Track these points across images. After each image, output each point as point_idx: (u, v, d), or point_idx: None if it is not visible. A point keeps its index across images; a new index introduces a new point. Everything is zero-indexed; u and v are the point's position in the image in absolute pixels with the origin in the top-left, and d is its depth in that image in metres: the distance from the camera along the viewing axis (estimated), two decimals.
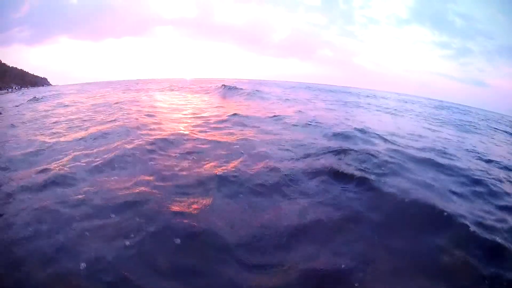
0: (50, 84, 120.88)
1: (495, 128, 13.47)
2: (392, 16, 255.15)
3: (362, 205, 3.00)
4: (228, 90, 17.01)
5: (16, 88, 51.47)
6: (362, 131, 6.54)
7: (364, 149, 4.75)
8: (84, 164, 3.88)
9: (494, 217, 3.00)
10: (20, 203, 2.88)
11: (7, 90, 44.54)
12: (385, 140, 5.95)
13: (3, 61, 68.68)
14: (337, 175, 3.64)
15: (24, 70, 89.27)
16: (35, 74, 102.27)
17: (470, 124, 13.03)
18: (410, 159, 4.56)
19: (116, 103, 11.51)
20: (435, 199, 3.10)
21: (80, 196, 2.96)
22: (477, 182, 4.00)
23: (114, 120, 7.29)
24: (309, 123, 7.51)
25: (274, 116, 8.23)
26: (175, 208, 2.79)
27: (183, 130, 6.07)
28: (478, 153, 6.28)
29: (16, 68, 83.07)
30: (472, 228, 2.63)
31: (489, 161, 5.55)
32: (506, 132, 12.58)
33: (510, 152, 7.41)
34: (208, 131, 6.00)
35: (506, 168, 5.24)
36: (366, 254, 2.32)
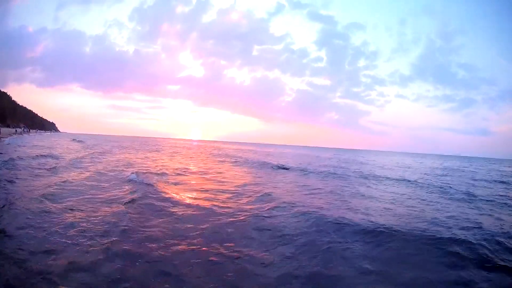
0: (58, 131, 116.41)
1: None
2: (396, 73, 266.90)
3: None
4: None
5: (25, 129, 46.40)
6: None
7: None
8: None
9: None
10: None
11: (16, 130, 39.27)
12: None
13: (13, 99, 65.22)
14: None
15: (34, 111, 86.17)
16: (44, 117, 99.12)
17: None
18: None
19: None
20: None
21: None
22: None
23: None
24: None
25: None
26: None
27: None
28: None
29: (26, 108, 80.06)
30: None
31: None
32: None
33: None
34: None
35: None
36: None
